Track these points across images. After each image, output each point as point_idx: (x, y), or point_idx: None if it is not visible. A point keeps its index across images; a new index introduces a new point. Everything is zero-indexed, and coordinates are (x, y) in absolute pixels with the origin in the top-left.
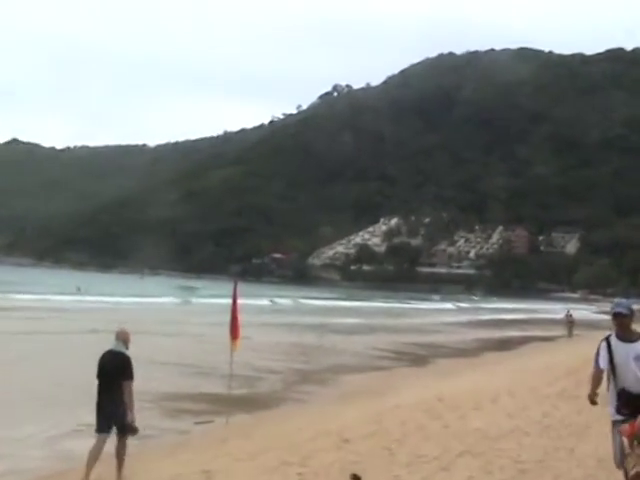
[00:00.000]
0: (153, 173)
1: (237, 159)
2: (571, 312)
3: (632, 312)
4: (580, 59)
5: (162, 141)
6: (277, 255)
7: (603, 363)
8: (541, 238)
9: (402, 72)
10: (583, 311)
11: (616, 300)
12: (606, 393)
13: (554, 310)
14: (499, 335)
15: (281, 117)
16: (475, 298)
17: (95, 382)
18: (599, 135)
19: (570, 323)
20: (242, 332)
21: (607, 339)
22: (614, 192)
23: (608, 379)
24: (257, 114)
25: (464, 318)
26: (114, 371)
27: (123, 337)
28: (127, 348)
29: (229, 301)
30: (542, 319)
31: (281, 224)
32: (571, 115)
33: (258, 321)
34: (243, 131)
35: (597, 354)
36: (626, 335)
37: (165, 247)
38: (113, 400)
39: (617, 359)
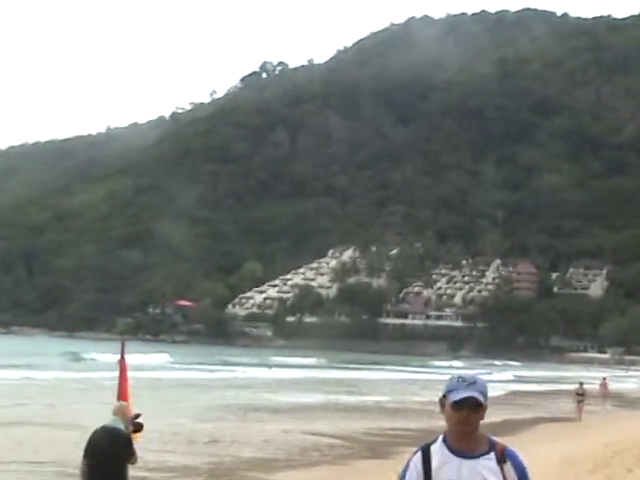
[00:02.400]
0: (4, 187)
1: (125, 167)
2: (584, 383)
3: (486, 398)
4: (606, 25)
5: (16, 142)
6: (183, 303)
7: None
8: (554, 276)
9: (357, 45)
10: (629, 381)
11: (457, 375)
12: None
13: (576, 379)
14: (495, 415)
15: (188, 108)
16: (497, 364)
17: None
18: (634, 131)
19: (580, 397)
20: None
21: (423, 451)
22: None
23: None
24: (154, 104)
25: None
26: (110, 451)
27: (121, 412)
28: (126, 427)
29: (115, 372)
30: (557, 391)
31: (189, 258)
32: (594, 103)
33: (150, 398)
34: (134, 127)
35: None
36: (467, 444)
37: (22, 292)
38: None
39: None
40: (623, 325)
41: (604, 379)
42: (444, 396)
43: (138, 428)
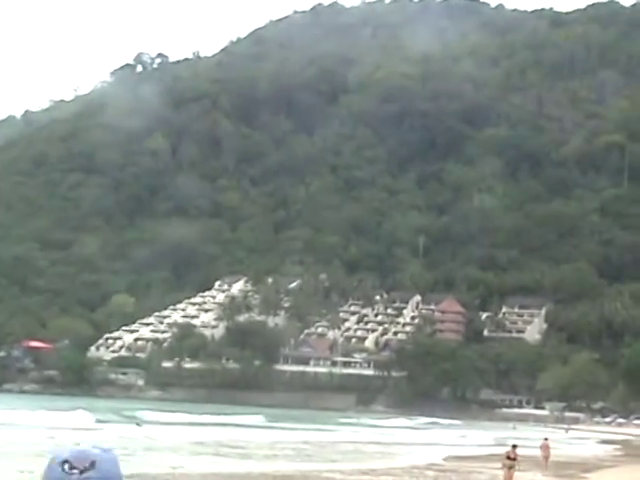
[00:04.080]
0: None
1: None
2: (516, 446)
3: None
4: (548, 20)
5: None
6: (35, 344)
7: None
8: (485, 316)
9: (253, 35)
10: (570, 443)
11: (61, 456)
12: None
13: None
14: None
15: (45, 107)
16: (441, 422)
17: None
18: (580, 145)
19: (512, 461)
20: None
21: None
22: (602, 241)
23: None
24: (2, 101)
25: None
26: None
27: None
28: None
29: None
30: (489, 456)
31: (43, 290)
32: (533, 111)
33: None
34: None
35: None
36: None
37: None
38: None
39: None
40: (564, 376)
41: (545, 439)
42: None
43: None
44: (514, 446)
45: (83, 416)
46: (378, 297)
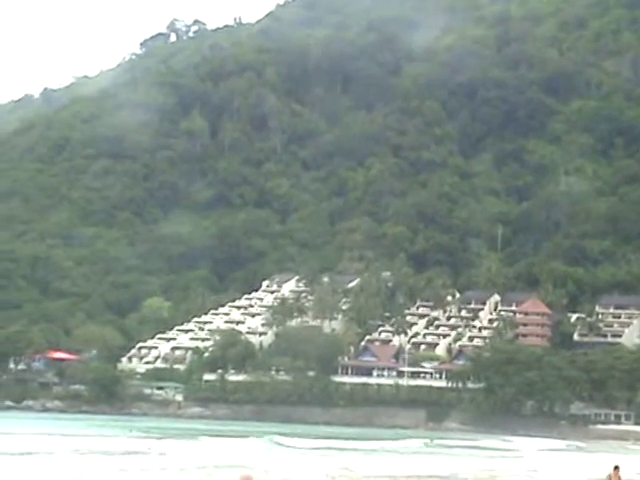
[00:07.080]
0: None
1: None
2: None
3: None
4: None
5: None
6: (59, 355)
7: None
8: (575, 317)
9: None
10: None
11: None
12: None
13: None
14: None
15: (66, 84)
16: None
17: None
18: None
19: None
20: None
21: None
22: None
23: None
24: (18, 79)
25: None
26: None
27: None
28: None
29: None
30: None
31: (67, 293)
32: (629, 79)
33: None
34: None
35: None
36: None
37: None
38: None
39: None
40: None
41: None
42: None
43: None
44: (616, 467)
45: (255, 443)
46: (450, 297)
